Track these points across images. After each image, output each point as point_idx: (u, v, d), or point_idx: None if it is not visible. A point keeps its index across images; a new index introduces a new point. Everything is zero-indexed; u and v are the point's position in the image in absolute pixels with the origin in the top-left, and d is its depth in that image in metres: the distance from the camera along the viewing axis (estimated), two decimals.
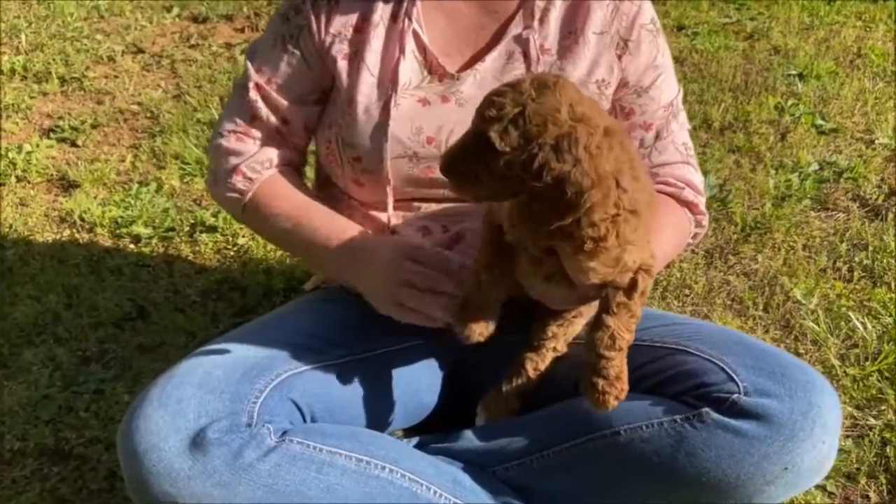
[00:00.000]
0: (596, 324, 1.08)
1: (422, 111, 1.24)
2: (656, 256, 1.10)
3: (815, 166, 2.40)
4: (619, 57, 1.26)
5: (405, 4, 1.24)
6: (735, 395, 1.08)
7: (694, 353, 1.16)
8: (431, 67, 1.25)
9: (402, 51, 1.23)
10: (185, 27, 3.51)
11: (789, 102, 2.78)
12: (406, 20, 1.24)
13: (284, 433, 1.11)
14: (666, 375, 1.16)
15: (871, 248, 2.03)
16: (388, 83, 1.24)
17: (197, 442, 1.05)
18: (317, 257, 1.32)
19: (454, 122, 1.23)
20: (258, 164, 1.31)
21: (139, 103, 2.84)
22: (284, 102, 1.30)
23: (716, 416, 1.08)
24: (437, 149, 1.23)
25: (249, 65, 1.31)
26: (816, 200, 2.25)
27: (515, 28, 1.25)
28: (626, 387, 1.07)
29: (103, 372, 1.72)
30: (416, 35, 1.25)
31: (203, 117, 2.70)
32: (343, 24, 1.25)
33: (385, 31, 1.25)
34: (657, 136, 1.30)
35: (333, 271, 1.32)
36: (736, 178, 2.36)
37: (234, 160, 1.31)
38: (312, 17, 1.26)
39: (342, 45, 1.25)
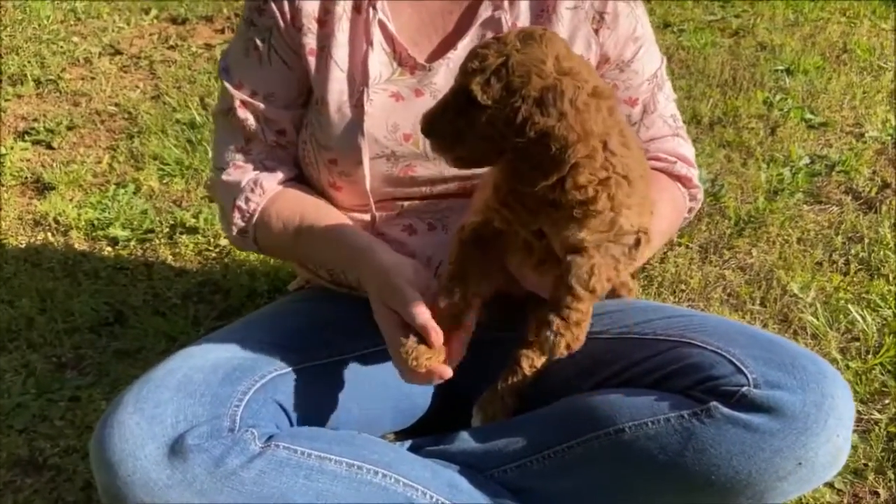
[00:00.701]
0: (580, 253, 0.98)
1: (396, 106, 1.18)
2: (651, 234, 1.04)
3: (806, 160, 2.38)
4: (596, 31, 1.21)
5: None
6: (745, 388, 1.03)
7: (699, 345, 1.11)
8: (401, 59, 1.19)
9: (369, 43, 1.17)
10: (164, 28, 3.44)
11: (777, 97, 2.76)
12: (371, 10, 1.18)
13: (270, 438, 1.05)
14: (671, 369, 1.11)
15: (866, 241, 2.00)
16: (359, 78, 1.18)
17: (175, 449, 0.99)
18: (322, 260, 1.28)
19: None
20: (250, 192, 1.23)
21: (117, 104, 2.77)
22: (274, 111, 1.23)
23: (725, 410, 1.03)
24: (414, 146, 1.17)
25: (228, 85, 1.23)
26: (809, 194, 2.22)
27: (485, 11, 1.19)
28: (582, 338, 0.99)
29: (79, 378, 1.64)
30: (382, 25, 1.19)
31: (182, 117, 2.63)
32: (306, 16, 1.19)
33: (349, 23, 1.19)
34: (644, 111, 1.26)
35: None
36: (728, 172, 2.33)
37: (233, 195, 1.24)
38: (277, 13, 1.19)
39: (309, 40, 1.19)
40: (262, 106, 1.22)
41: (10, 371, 1.66)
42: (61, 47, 3.23)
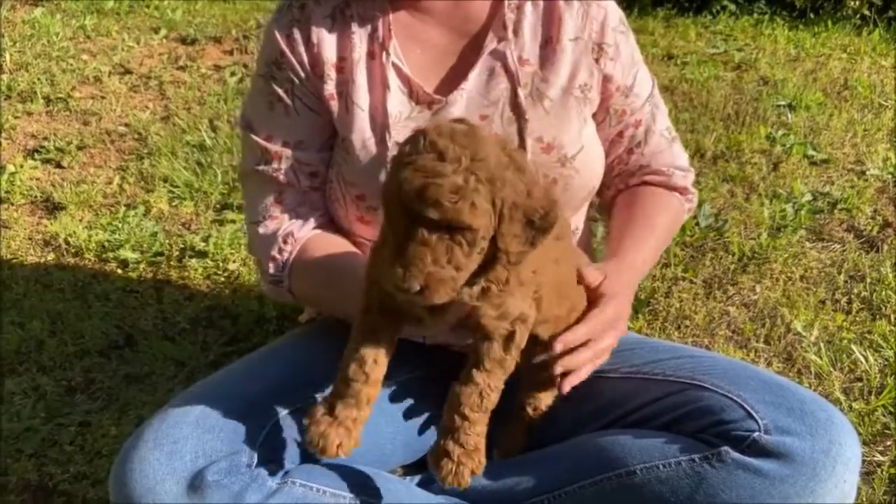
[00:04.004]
0: (464, 378, 1.00)
1: None
2: (646, 261, 1.14)
3: (808, 196, 2.41)
4: (597, 60, 1.26)
5: (380, 38, 1.22)
6: (755, 434, 1.05)
7: (710, 388, 1.13)
8: (418, 97, 1.23)
9: (386, 86, 1.22)
10: (173, 48, 3.47)
11: (780, 132, 2.80)
12: (384, 55, 1.22)
13: (286, 474, 1.07)
14: (681, 412, 1.13)
15: (868, 280, 2.02)
16: (380, 119, 1.22)
17: (195, 485, 1.00)
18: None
19: None
20: (283, 242, 1.25)
21: (126, 124, 2.79)
22: (307, 155, 1.26)
23: (736, 455, 1.05)
24: None
25: (257, 138, 1.26)
26: (812, 231, 2.25)
27: (490, 43, 1.23)
28: (483, 460, 0.99)
29: (89, 403, 1.65)
30: (396, 68, 1.23)
31: (192, 139, 2.65)
32: (326, 64, 1.23)
33: (366, 67, 1.23)
34: (647, 131, 1.33)
35: None
36: (731, 207, 2.36)
37: (268, 246, 1.26)
38: (297, 64, 1.23)
39: (330, 86, 1.23)
40: (294, 153, 1.25)
41: (20, 394, 1.67)
42: (71, 65, 3.25)
